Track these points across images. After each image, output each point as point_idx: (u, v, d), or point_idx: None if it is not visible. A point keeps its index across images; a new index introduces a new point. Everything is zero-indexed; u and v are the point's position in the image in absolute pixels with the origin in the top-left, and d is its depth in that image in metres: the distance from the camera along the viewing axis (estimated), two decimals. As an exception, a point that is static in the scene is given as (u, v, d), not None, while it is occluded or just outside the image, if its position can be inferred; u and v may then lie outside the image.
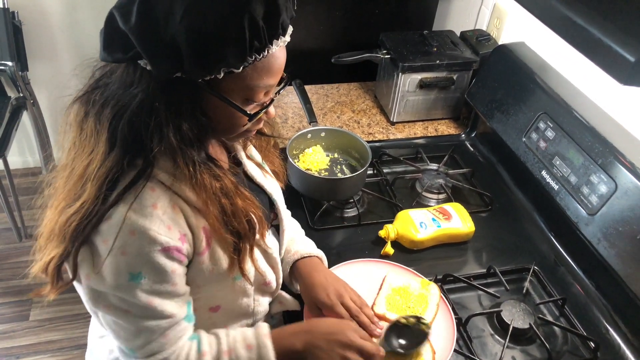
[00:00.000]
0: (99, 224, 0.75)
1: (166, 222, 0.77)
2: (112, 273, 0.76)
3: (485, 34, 1.65)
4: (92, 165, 0.75)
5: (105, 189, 0.74)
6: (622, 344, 1.09)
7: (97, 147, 0.75)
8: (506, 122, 1.43)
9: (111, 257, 0.75)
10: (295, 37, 0.90)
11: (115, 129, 0.74)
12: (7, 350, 2.06)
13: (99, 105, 0.75)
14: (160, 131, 0.73)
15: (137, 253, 0.75)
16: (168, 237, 0.77)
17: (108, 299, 0.79)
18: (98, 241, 0.76)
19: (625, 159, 1.11)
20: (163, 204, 0.77)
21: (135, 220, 0.74)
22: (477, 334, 1.09)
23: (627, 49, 0.57)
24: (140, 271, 0.76)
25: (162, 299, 0.80)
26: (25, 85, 2.38)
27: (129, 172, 0.76)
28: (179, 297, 0.83)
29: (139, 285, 0.77)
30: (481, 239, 1.30)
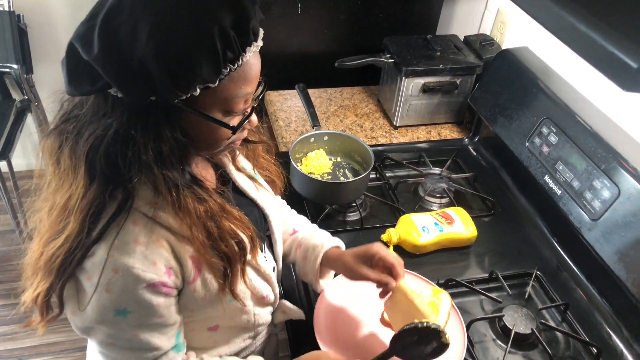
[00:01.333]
0: (83, 261, 0.73)
1: (150, 258, 0.74)
2: (97, 310, 0.75)
3: (488, 39, 1.66)
4: (73, 199, 0.73)
5: (88, 223, 0.72)
6: (625, 349, 1.08)
7: (75, 180, 0.73)
8: (509, 126, 1.43)
9: (96, 295, 0.73)
10: (299, 41, 0.90)
11: (92, 162, 0.71)
12: (10, 352, 2.06)
13: (72, 137, 0.72)
14: (139, 159, 0.70)
15: (121, 291, 0.73)
16: (153, 274, 0.74)
17: (94, 332, 0.78)
18: (83, 278, 0.75)
19: (628, 164, 1.11)
20: (145, 239, 0.74)
21: (118, 257, 0.72)
22: (479, 339, 1.09)
23: (630, 56, 0.57)
24: (126, 307, 0.75)
25: (149, 332, 0.79)
26: (30, 88, 2.39)
27: (111, 204, 0.73)
28: (168, 328, 0.81)
29: (125, 321, 0.76)
30: (484, 243, 1.30)
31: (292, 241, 1.11)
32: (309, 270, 1.05)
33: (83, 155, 0.71)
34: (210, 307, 0.85)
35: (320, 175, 1.38)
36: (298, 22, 1.76)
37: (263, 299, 0.95)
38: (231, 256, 0.81)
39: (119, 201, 0.73)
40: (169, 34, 0.64)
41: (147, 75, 0.65)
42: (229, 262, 0.81)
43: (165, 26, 0.64)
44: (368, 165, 1.33)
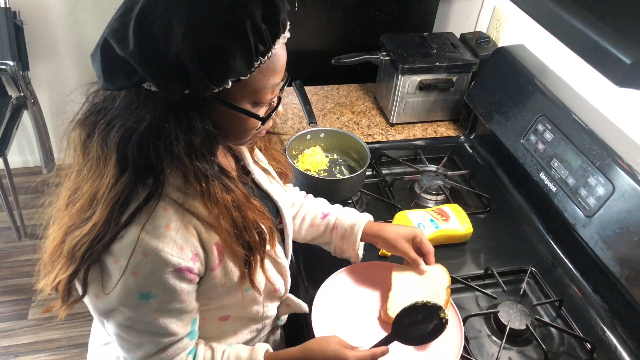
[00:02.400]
0: (111, 245, 0.74)
1: (179, 243, 0.76)
2: (122, 292, 0.75)
3: (485, 36, 1.66)
4: (102, 189, 0.74)
5: (117, 211, 0.73)
6: (619, 345, 1.09)
7: (105, 170, 0.74)
8: (505, 124, 1.43)
9: (123, 278, 0.74)
10: (296, 38, 0.90)
11: (124, 152, 0.72)
12: (5, 349, 2.06)
13: (103, 129, 0.74)
14: (170, 151, 0.72)
15: (148, 274, 0.75)
16: (180, 259, 0.76)
17: (114, 314, 0.79)
18: (109, 261, 0.75)
19: (622, 161, 1.11)
20: (176, 224, 0.76)
21: (148, 241, 0.74)
22: (474, 335, 1.09)
23: (624, 51, 0.58)
24: (150, 291, 0.76)
25: (168, 318, 0.80)
26: (26, 85, 2.39)
27: (141, 192, 0.75)
28: (186, 315, 0.83)
29: (148, 304, 0.77)
30: (479, 240, 1.30)
31: (325, 225, 1.14)
32: (349, 247, 1.11)
33: (114, 146, 0.72)
34: (227, 295, 0.87)
35: (316, 172, 1.39)
36: (295, 19, 1.75)
37: (275, 292, 0.97)
38: (253, 245, 0.84)
39: (149, 188, 0.74)
40: (204, 29, 0.66)
41: (182, 70, 0.67)
42: (250, 251, 0.84)
43: (199, 22, 0.66)
44: (364, 162, 1.34)
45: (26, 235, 2.51)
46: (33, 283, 0.85)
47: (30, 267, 2.37)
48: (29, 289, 2.28)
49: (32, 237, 2.51)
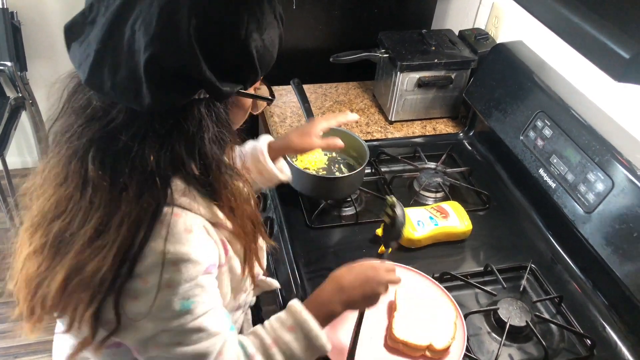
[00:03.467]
0: (134, 267, 0.70)
1: (202, 243, 0.75)
2: (161, 310, 0.72)
3: (483, 33, 1.66)
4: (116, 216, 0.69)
5: (134, 233, 0.69)
6: (619, 341, 1.09)
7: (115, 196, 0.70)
8: (504, 120, 1.43)
9: (159, 295, 0.71)
10: (294, 36, 0.91)
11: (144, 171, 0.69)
12: (5, 350, 2.06)
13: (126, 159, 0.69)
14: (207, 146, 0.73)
15: (184, 282, 0.72)
16: (206, 257, 0.75)
17: (157, 339, 0.75)
18: (137, 285, 0.71)
19: (622, 157, 1.11)
20: (191, 227, 0.74)
21: (175, 251, 0.71)
22: (474, 332, 1.09)
23: (622, 46, 0.57)
24: (189, 297, 0.74)
25: (210, 317, 0.78)
26: (24, 86, 2.39)
27: (151, 207, 0.70)
28: (223, 310, 0.82)
29: (190, 312, 0.75)
30: (478, 237, 1.30)
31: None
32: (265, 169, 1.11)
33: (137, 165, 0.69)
34: (230, 290, 0.88)
35: (315, 171, 1.38)
36: (293, 17, 1.75)
37: (257, 277, 0.97)
38: (251, 236, 0.85)
39: (157, 201, 0.70)
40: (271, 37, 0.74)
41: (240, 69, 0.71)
42: (251, 241, 0.85)
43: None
44: (363, 160, 1.33)
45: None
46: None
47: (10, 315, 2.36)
48: (28, 290, 2.27)
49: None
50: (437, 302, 1.07)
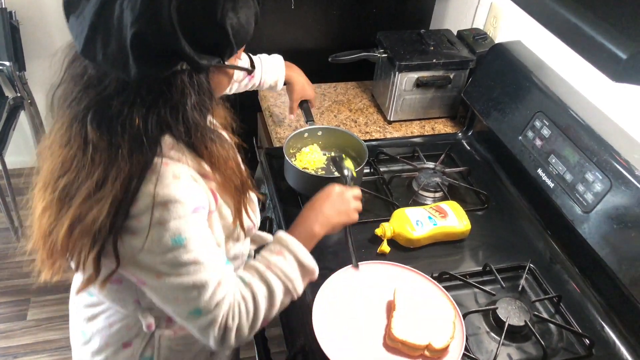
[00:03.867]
0: (129, 211, 0.78)
1: (189, 187, 0.82)
2: (155, 244, 0.79)
3: (482, 33, 1.66)
4: (110, 169, 0.77)
5: (128, 184, 0.77)
6: (617, 340, 1.09)
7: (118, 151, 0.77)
8: (502, 120, 1.43)
9: (151, 232, 0.78)
10: (293, 36, 0.93)
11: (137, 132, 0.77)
12: (4, 350, 2.06)
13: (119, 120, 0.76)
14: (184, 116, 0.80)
15: (173, 219, 0.79)
16: (192, 199, 0.82)
17: (159, 269, 0.82)
18: (132, 224, 0.79)
19: (620, 156, 1.11)
20: (180, 174, 0.81)
21: (164, 193, 0.78)
22: (472, 332, 1.09)
23: (619, 46, 0.58)
24: (180, 234, 0.80)
25: (204, 251, 0.84)
26: (22, 85, 2.39)
27: (142, 160, 0.79)
28: (216, 246, 0.88)
29: (183, 246, 0.81)
30: (477, 237, 1.30)
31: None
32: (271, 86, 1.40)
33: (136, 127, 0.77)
34: (222, 238, 0.94)
35: (314, 170, 1.39)
36: (291, 17, 1.75)
37: (251, 230, 1.04)
38: (241, 187, 0.92)
39: (147, 154, 0.79)
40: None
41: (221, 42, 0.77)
42: (241, 192, 0.93)
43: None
44: (362, 160, 1.34)
45: (24, 236, 2.51)
46: (32, 284, 0.86)
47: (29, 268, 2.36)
48: (27, 290, 2.27)
49: (31, 238, 2.51)
50: (436, 302, 1.08)
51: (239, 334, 0.89)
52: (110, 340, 1.02)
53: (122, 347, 1.01)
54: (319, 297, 1.09)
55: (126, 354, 1.01)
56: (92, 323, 1.04)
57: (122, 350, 1.01)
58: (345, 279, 1.14)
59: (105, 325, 1.02)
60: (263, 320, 0.91)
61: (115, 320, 1.00)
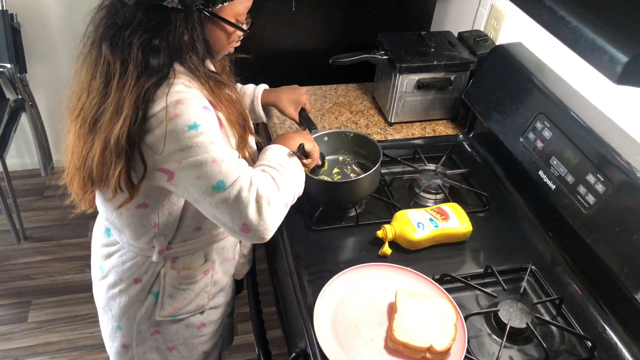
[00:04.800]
0: (146, 117, 0.89)
1: (198, 94, 0.95)
2: (173, 134, 0.89)
3: (482, 35, 1.66)
4: (126, 89, 0.89)
5: (142, 99, 0.89)
6: (619, 343, 1.09)
7: (128, 75, 0.89)
8: (503, 122, 1.43)
9: (169, 124, 0.89)
10: (293, 38, 0.95)
11: (145, 55, 0.90)
12: (5, 352, 2.06)
13: (127, 39, 0.90)
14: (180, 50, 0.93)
15: (187, 110, 0.90)
16: (203, 100, 0.94)
17: (179, 156, 0.91)
18: (151, 123, 0.90)
19: (621, 158, 1.11)
20: (191, 87, 0.94)
21: (176, 93, 0.90)
22: (474, 334, 1.09)
23: (620, 49, 0.58)
24: (195, 120, 0.90)
25: (219, 137, 0.95)
26: (23, 87, 2.39)
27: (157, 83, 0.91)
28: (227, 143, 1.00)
29: (198, 132, 0.91)
30: (479, 238, 1.30)
31: None
32: (256, 114, 1.38)
33: (137, 50, 0.89)
34: None
35: (329, 179, 1.38)
36: (292, 19, 1.75)
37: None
38: (243, 124, 1.06)
39: (165, 74, 0.91)
40: None
41: None
42: (241, 130, 1.05)
43: None
44: (372, 154, 1.34)
45: (25, 238, 2.51)
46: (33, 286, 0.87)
47: (30, 270, 2.37)
48: (28, 292, 2.28)
49: (31, 240, 2.51)
50: (437, 304, 1.07)
51: (272, 206, 0.97)
52: (123, 275, 1.15)
53: (133, 282, 1.14)
54: (321, 299, 1.09)
55: (137, 289, 1.15)
56: (108, 260, 1.16)
57: (134, 285, 1.14)
58: (346, 281, 1.14)
59: (118, 262, 1.15)
60: (288, 195, 1.03)
61: (127, 258, 1.13)
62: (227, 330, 1.43)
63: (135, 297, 1.15)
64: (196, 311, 1.20)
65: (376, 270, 1.17)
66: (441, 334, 1.02)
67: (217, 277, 1.21)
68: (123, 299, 1.16)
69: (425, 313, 1.05)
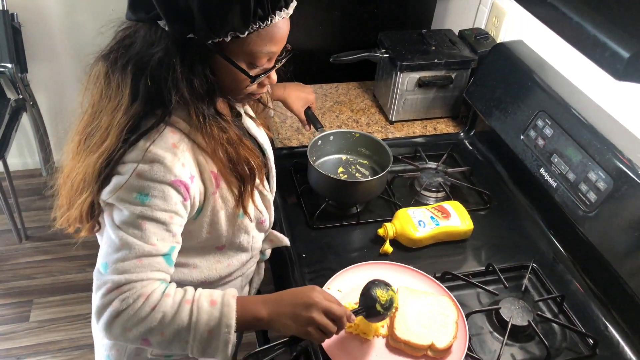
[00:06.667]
0: (123, 157, 0.85)
1: (181, 160, 0.86)
2: (124, 189, 0.84)
3: (483, 33, 1.66)
4: (116, 117, 0.84)
5: (126, 133, 0.84)
6: (621, 340, 1.09)
7: (121, 100, 0.85)
8: (505, 120, 1.43)
9: (130, 179, 0.84)
10: (293, 37, 0.94)
11: (137, 83, 0.84)
12: (7, 351, 2.06)
13: (123, 62, 0.85)
14: (176, 86, 0.83)
15: (151, 179, 0.84)
16: (181, 173, 0.86)
17: (112, 210, 0.87)
18: (120, 169, 0.85)
19: (623, 155, 1.11)
20: (180, 145, 0.87)
21: (155, 151, 0.84)
22: (476, 332, 1.09)
23: (622, 45, 0.58)
24: (149, 192, 0.84)
25: (154, 226, 0.86)
26: (24, 87, 2.39)
27: (150, 119, 0.86)
28: (169, 234, 0.88)
29: (142, 205, 0.84)
30: (480, 237, 1.30)
31: None
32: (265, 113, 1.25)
33: (130, 76, 0.84)
34: (226, 222, 0.98)
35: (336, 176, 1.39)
36: (292, 18, 1.74)
37: (262, 223, 1.08)
38: (245, 177, 0.96)
39: (158, 115, 0.86)
40: None
41: (190, 14, 0.79)
42: (242, 182, 0.96)
43: None
44: (378, 156, 1.37)
45: (27, 237, 2.51)
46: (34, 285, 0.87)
47: (32, 270, 2.37)
48: (30, 292, 2.28)
49: (33, 240, 2.51)
50: (438, 302, 1.07)
51: (119, 321, 0.83)
52: None
53: None
54: None
55: None
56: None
57: None
58: (347, 279, 1.14)
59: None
60: (146, 331, 0.84)
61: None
62: None
63: None
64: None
65: (377, 269, 1.17)
66: (442, 331, 1.01)
67: None
68: None
69: (426, 311, 1.05)
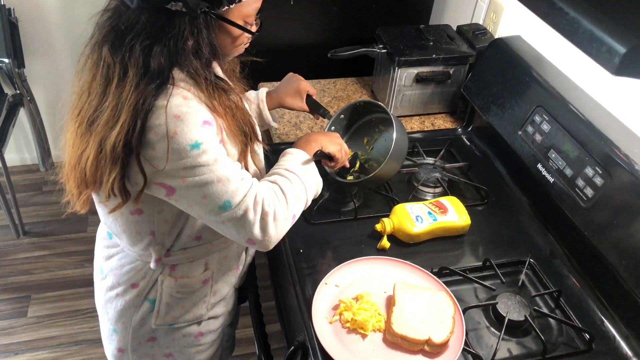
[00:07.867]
0: (144, 129, 0.87)
1: (198, 105, 0.91)
2: (175, 153, 0.88)
3: (481, 28, 1.66)
4: (125, 94, 0.87)
5: (140, 107, 0.86)
6: (617, 335, 1.09)
7: (127, 80, 0.87)
8: (502, 115, 1.43)
9: (169, 143, 0.87)
10: (292, 32, 0.95)
11: (146, 60, 0.87)
12: (5, 346, 2.07)
13: (129, 43, 0.87)
14: (187, 57, 0.90)
15: (187, 129, 0.87)
16: (202, 114, 0.91)
17: (182, 174, 0.90)
18: (150, 137, 0.87)
19: (620, 151, 1.11)
20: (191, 97, 0.91)
21: (175, 107, 0.87)
22: (472, 327, 1.10)
23: (618, 40, 0.58)
24: (196, 139, 0.88)
25: (222, 154, 0.93)
26: (22, 82, 2.38)
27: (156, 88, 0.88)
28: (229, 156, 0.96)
29: (201, 150, 0.89)
30: (477, 232, 1.30)
31: None
32: (263, 120, 1.33)
33: (139, 54, 0.87)
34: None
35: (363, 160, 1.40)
36: (291, 13, 1.75)
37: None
38: (248, 134, 1.02)
39: (163, 80, 0.89)
40: None
41: None
42: (246, 139, 1.02)
43: None
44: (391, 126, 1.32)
45: (24, 233, 2.51)
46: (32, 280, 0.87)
47: (30, 265, 2.37)
48: (28, 287, 2.28)
49: (31, 235, 2.51)
50: (435, 297, 1.08)
51: (277, 221, 0.97)
52: (121, 279, 1.12)
53: (130, 286, 1.12)
54: (319, 292, 1.09)
55: (133, 294, 1.12)
56: (108, 262, 1.15)
57: (131, 289, 1.12)
58: (345, 274, 1.14)
59: (117, 265, 1.13)
60: (296, 207, 1.02)
61: (126, 262, 1.11)
62: (227, 340, 1.39)
63: (131, 302, 1.12)
64: (194, 321, 1.16)
65: (375, 264, 1.17)
66: (439, 326, 1.02)
67: (217, 286, 1.17)
68: (119, 303, 1.13)
69: (423, 306, 1.06)
